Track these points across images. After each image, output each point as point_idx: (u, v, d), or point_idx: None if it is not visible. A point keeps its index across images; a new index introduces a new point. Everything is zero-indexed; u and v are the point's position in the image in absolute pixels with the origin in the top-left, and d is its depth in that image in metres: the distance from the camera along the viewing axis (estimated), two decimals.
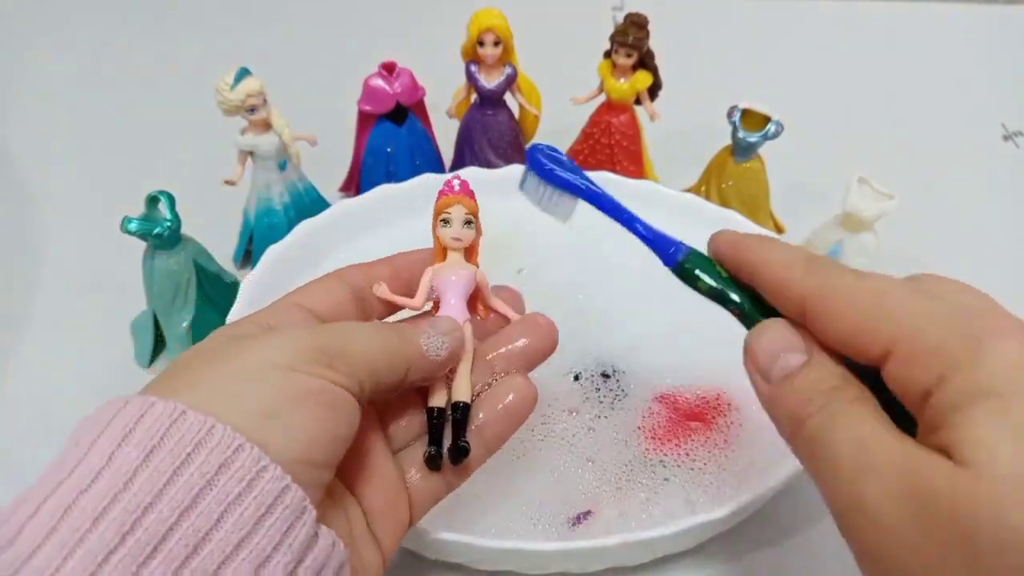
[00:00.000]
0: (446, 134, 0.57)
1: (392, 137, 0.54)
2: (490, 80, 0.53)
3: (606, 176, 0.50)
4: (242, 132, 0.48)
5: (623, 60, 0.51)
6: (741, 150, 0.51)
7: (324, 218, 0.47)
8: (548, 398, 0.39)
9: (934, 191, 0.59)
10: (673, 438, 0.38)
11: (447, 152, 0.58)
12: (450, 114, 0.57)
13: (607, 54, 0.53)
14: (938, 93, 0.73)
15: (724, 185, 0.52)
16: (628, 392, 0.40)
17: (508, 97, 0.55)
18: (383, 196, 0.48)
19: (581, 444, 0.38)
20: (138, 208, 0.43)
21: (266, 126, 0.48)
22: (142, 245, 0.43)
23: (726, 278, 0.28)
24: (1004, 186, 0.63)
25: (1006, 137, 0.68)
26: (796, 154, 0.54)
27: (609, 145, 0.55)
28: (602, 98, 0.55)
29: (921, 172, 0.61)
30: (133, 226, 0.41)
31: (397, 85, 0.52)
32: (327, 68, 0.72)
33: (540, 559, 0.33)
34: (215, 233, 0.49)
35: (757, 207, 0.52)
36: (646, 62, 0.52)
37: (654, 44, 0.52)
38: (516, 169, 0.50)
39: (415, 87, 0.53)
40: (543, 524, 0.35)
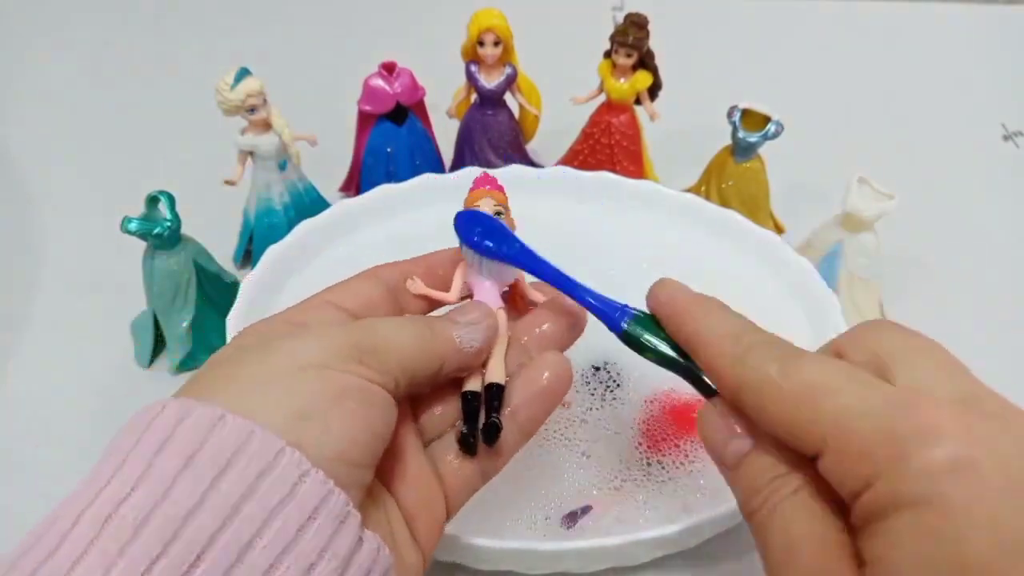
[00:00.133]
0: (446, 134, 0.57)
1: (392, 137, 0.54)
2: (490, 80, 0.53)
3: (606, 176, 0.50)
4: (242, 132, 0.48)
5: (623, 60, 0.51)
6: (741, 150, 0.51)
7: (324, 218, 0.47)
8: None
9: (934, 191, 0.59)
10: (671, 439, 0.38)
11: (447, 152, 0.58)
12: (450, 114, 0.57)
13: (607, 54, 0.53)
14: (938, 93, 0.73)
15: (724, 185, 0.52)
16: (620, 383, 0.40)
17: (508, 97, 0.55)
18: (383, 196, 0.48)
19: (576, 438, 0.37)
20: (138, 208, 0.43)
21: (266, 126, 0.48)
22: (142, 245, 0.43)
23: (673, 344, 0.27)
24: (1004, 186, 0.63)
25: (1006, 137, 0.68)
26: (796, 154, 0.54)
27: (609, 145, 0.55)
28: (602, 98, 0.55)
29: (921, 172, 0.61)
30: (133, 226, 0.41)
31: (397, 85, 0.52)
32: (327, 68, 0.72)
33: (540, 559, 0.33)
34: (215, 233, 0.49)
35: (757, 207, 0.52)
36: (646, 62, 0.52)
37: (654, 44, 0.52)
38: (516, 169, 0.50)
39: (415, 87, 0.53)
40: (543, 524, 0.35)
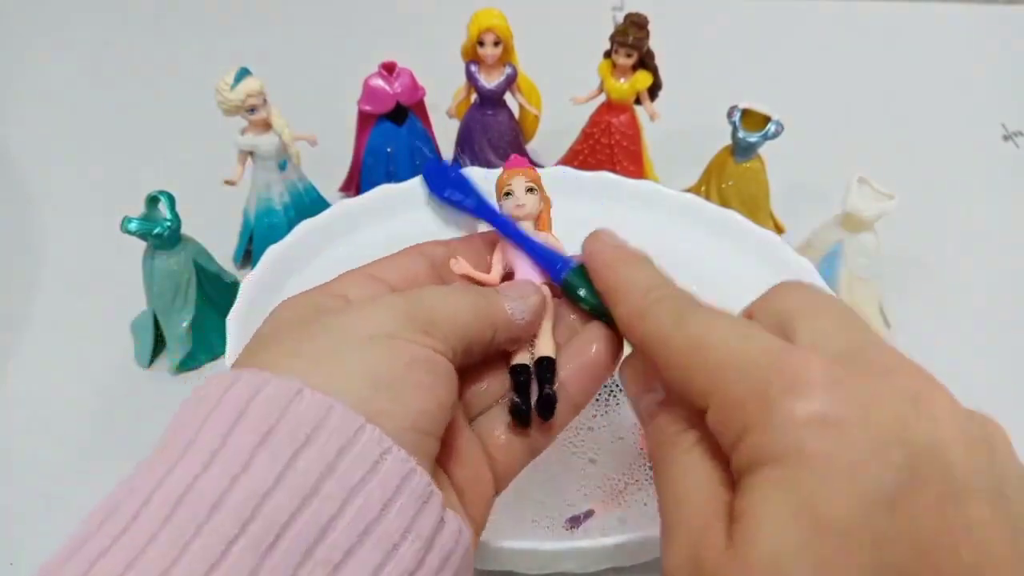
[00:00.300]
0: (446, 134, 0.57)
1: (392, 137, 0.54)
2: (490, 80, 0.53)
3: (606, 176, 0.49)
4: (242, 132, 0.48)
5: (623, 60, 0.51)
6: (741, 150, 0.51)
7: (324, 218, 0.46)
8: None
9: (934, 191, 0.59)
10: None
11: (447, 152, 0.58)
12: (450, 114, 0.57)
13: (607, 54, 0.53)
14: (938, 93, 0.73)
15: (724, 185, 0.52)
16: (623, 388, 0.40)
17: (508, 97, 0.55)
18: (383, 196, 0.48)
19: (582, 444, 0.38)
20: (138, 208, 0.43)
21: (266, 126, 0.48)
22: (142, 245, 0.43)
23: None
24: (1004, 186, 0.63)
25: (1006, 137, 0.68)
26: (796, 154, 0.54)
27: (609, 145, 0.55)
28: (602, 98, 0.55)
29: (921, 172, 0.61)
30: (133, 226, 0.41)
31: (397, 85, 0.52)
32: (327, 68, 0.72)
33: (540, 559, 0.33)
34: (215, 233, 0.49)
35: (757, 207, 0.52)
36: (646, 62, 0.52)
37: (654, 44, 0.52)
38: None
39: (415, 87, 0.53)
40: (543, 524, 0.35)
